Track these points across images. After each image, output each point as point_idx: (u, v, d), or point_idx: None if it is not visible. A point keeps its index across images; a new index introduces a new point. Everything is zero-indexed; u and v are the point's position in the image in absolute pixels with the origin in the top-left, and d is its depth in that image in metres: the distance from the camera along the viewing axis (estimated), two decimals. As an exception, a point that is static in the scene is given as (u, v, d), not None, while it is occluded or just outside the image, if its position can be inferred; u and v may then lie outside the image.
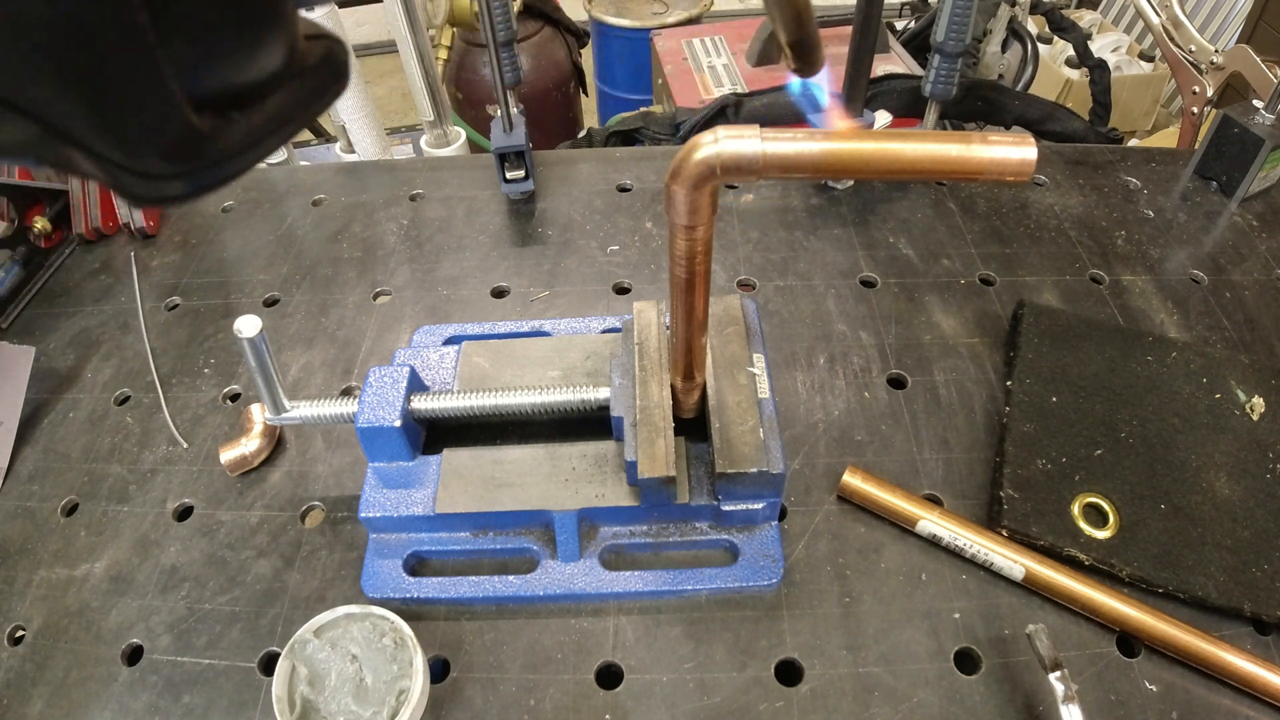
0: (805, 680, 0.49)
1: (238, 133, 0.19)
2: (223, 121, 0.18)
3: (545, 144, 0.96)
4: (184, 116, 0.17)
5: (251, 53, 0.18)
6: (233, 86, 0.18)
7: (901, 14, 1.62)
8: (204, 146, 0.18)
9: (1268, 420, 0.59)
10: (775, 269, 0.75)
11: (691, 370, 0.50)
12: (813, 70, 0.30)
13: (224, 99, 0.18)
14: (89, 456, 0.63)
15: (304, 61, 0.20)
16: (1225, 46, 0.96)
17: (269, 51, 0.18)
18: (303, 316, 0.73)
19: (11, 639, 0.53)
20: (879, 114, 0.87)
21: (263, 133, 0.19)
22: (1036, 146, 0.34)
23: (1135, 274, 0.74)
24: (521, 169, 0.81)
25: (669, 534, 0.54)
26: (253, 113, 0.19)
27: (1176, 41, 0.97)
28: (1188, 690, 0.48)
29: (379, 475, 0.55)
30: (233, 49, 0.18)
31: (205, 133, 0.18)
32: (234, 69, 0.18)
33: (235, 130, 0.19)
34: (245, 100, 0.19)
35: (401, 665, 0.47)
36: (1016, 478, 0.56)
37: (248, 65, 0.18)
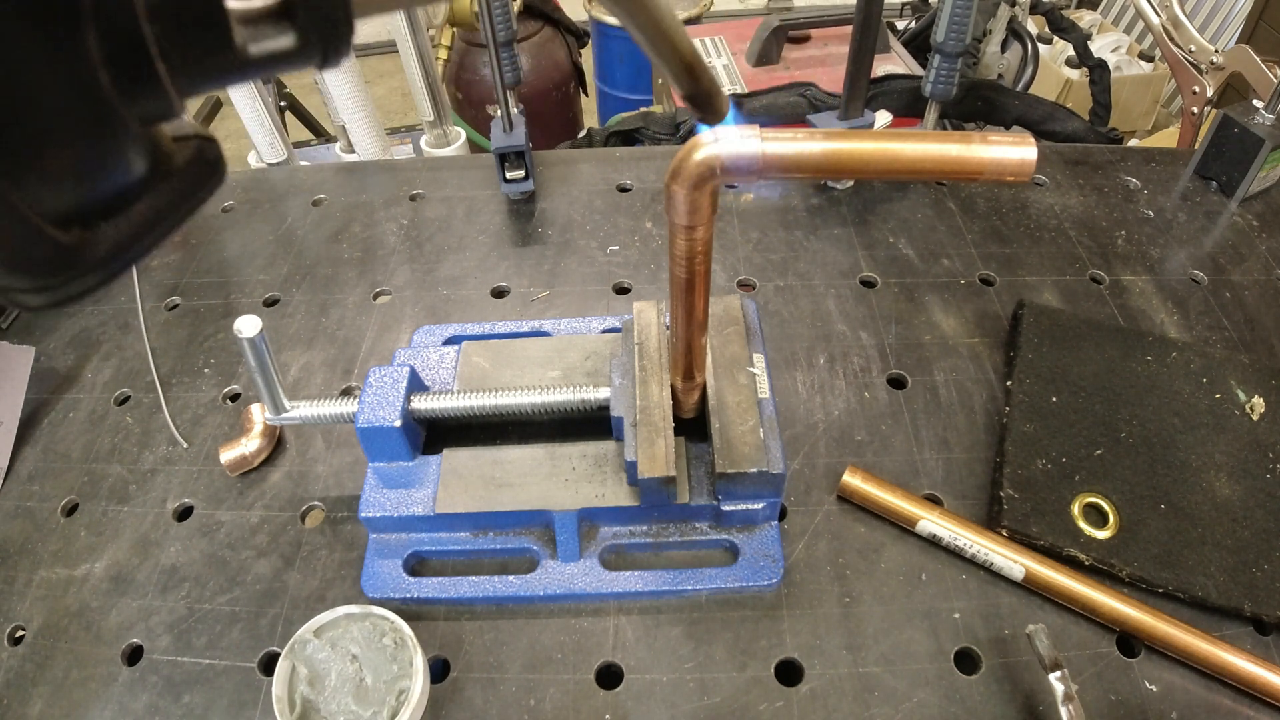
0: (805, 680, 0.49)
1: (107, 242, 0.19)
2: (90, 232, 0.18)
3: (545, 144, 0.97)
4: (48, 235, 0.17)
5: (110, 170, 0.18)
6: (95, 201, 0.18)
7: (901, 14, 1.62)
8: (72, 259, 0.18)
9: (1268, 420, 0.59)
10: (775, 269, 0.75)
11: (691, 370, 0.50)
12: (718, 118, 0.30)
13: (88, 212, 0.18)
14: (89, 456, 0.63)
15: (171, 163, 0.20)
16: (1225, 46, 0.96)
17: (129, 165, 0.18)
18: (303, 316, 0.73)
19: (11, 639, 0.53)
20: (879, 114, 0.87)
21: (133, 239, 0.19)
22: (1036, 146, 0.34)
23: (1135, 274, 0.74)
24: (521, 169, 0.81)
25: (669, 534, 0.54)
26: (120, 221, 0.19)
27: (1176, 41, 0.97)
28: (1188, 690, 0.48)
29: (379, 475, 0.55)
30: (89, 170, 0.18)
31: (72, 246, 0.18)
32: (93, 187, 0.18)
33: (104, 239, 0.19)
34: (111, 210, 0.19)
35: (401, 665, 0.47)
36: (1016, 478, 0.56)
37: (107, 182, 0.18)
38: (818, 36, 1.45)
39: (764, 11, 1.62)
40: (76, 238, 0.18)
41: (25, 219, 0.17)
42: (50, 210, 0.17)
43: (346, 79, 0.99)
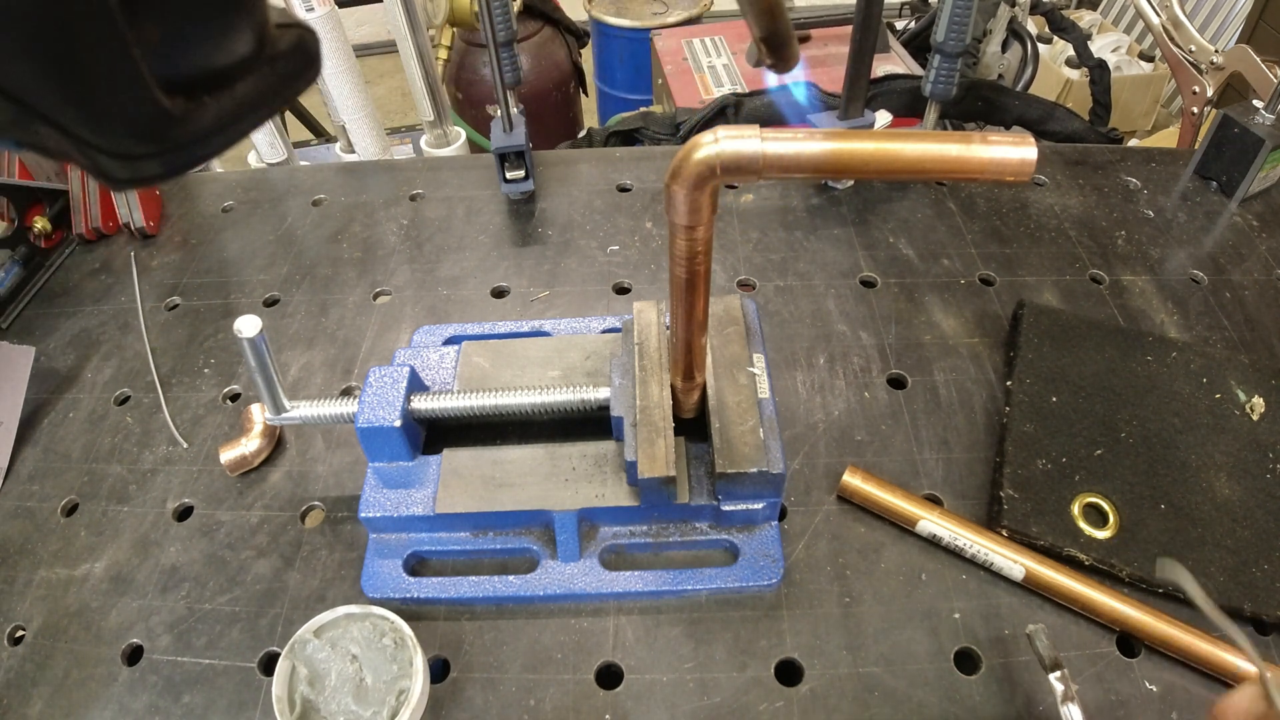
0: (805, 680, 0.49)
1: (209, 116, 0.19)
2: (194, 104, 0.19)
3: (545, 144, 0.96)
4: (155, 98, 0.17)
5: (222, 37, 0.18)
6: (203, 70, 0.19)
7: (901, 14, 1.62)
8: (175, 128, 0.18)
9: (1268, 420, 0.59)
10: (775, 269, 0.75)
11: (691, 370, 0.50)
12: (787, 66, 0.30)
13: (195, 82, 0.18)
14: (89, 456, 0.63)
15: (275, 48, 0.20)
16: (1225, 46, 0.96)
17: (239, 37, 0.19)
18: (303, 316, 0.73)
19: (11, 639, 0.53)
20: (879, 114, 0.87)
21: (233, 117, 0.19)
22: (1036, 146, 0.34)
23: (1135, 274, 0.74)
24: (521, 169, 0.81)
25: (669, 534, 0.54)
26: (223, 97, 0.19)
27: (1176, 41, 0.97)
28: (1188, 690, 0.48)
29: (379, 475, 0.55)
30: (203, 33, 0.18)
31: (176, 115, 0.18)
32: (204, 53, 0.18)
33: (206, 113, 0.19)
34: (216, 84, 0.19)
35: (401, 665, 0.47)
36: (1016, 478, 0.56)
37: (218, 50, 0.18)
38: (818, 36, 1.45)
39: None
40: (181, 106, 0.18)
41: (140, 75, 0.17)
42: (161, 69, 0.17)
43: (346, 79, 0.99)
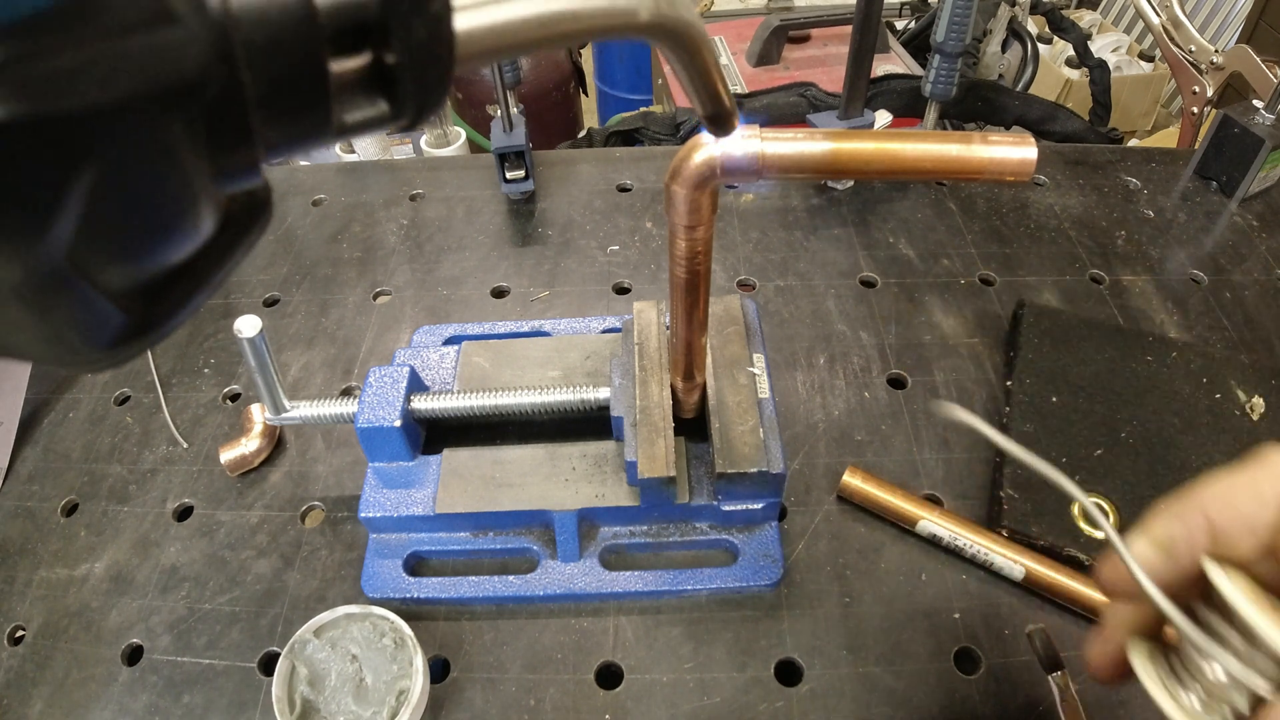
0: (805, 680, 0.49)
1: (169, 303, 0.19)
2: (156, 299, 0.18)
3: (545, 144, 0.96)
4: (118, 314, 0.17)
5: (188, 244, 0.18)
6: (165, 273, 0.18)
7: (901, 14, 1.62)
8: (139, 328, 0.18)
9: (1268, 420, 0.59)
10: (775, 269, 0.75)
11: (691, 370, 0.50)
12: (727, 133, 0.32)
13: (155, 283, 0.18)
14: (89, 456, 0.63)
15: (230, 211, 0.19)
16: (1225, 46, 0.96)
17: (204, 234, 0.18)
18: (303, 316, 0.73)
19: (11, 639, 0.53)
20: (879, 114, 0.87)
21: (193, 294, 0.19)
22: (1036, 146, 0.34)
23: (1135, 274, 0.74)
24: (521, 169, 0.81)
25: (669, 534, 0.54)
26: (183, 281, 0.19)
27: (1176, 41, 0.97)
28: (1188, 690, 0.48)
29: (379, 475, 0.55)
30: (168, 249, 0.18)
31: (138, 319, 0.18)
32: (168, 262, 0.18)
33: (167, 302, 0.19)
34: (176, 275, 0.19)
35: (401, 665, 0.47)
36: (1016, 478, 0.56)
37: (182, 254, 0.18)
38: (818, 36, 1.45)
39: (764, 11, 1.62)
40: (142, 308, 0.18)
41: (98, 304, 0.16)
42: (121, 289, 0.17)
43: (346, 79, 0.98)
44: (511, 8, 0.21)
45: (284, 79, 0.17)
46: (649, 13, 0.24)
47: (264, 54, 0.16)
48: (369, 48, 0.19)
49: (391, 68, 0.19)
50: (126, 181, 0.15)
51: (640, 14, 0.24)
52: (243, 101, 0.16)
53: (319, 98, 0.18)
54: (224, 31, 0.16)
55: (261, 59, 0.16)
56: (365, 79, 0.19)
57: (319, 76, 0.18)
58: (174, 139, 0.15)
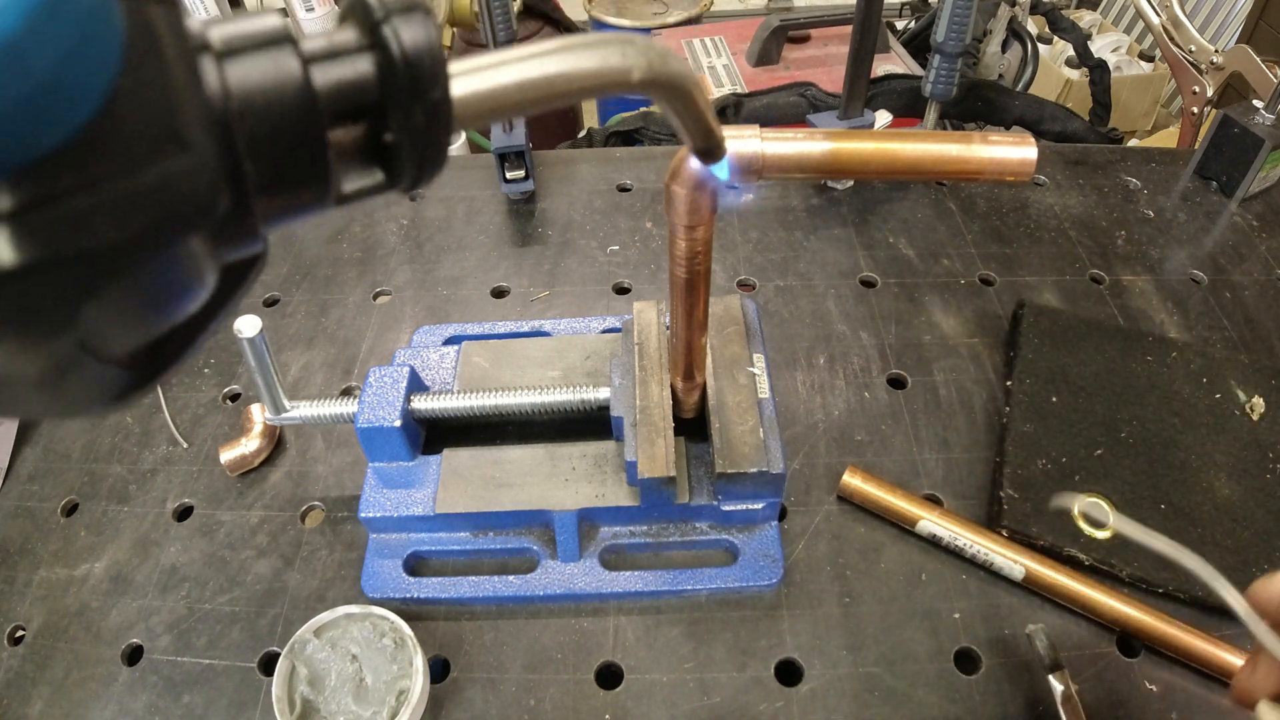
0: (805, 680, 0.49)
1: (166, 358, 0.19)
2: (152, 357, 0.18)
3: (545, 144, 0.96)
4: (118, 377, 0.17)
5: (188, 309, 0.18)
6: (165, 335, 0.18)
7: (901, 14, 1.62)
8: (138, 384, 0.18)
9: (1268, 420, 0.59)
10: (775, 269, 0.75)
11: (691, 370, 0.50)
12: (715, 162, 0.33)
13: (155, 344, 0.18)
14: (89, 456, 0.63)
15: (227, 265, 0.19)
16: (1225, 46, 0.96)
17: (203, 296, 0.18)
18: (303, 316, 0.73)
19: (11, 639, 0.53)
20: (879, 114, 0.87)
21: (186, 345, 0.19)
22: (1036, 146, 0.34)
23: (1135, 274, 0.74)
24: (521, 169, 0.81)
25: (669, 534, 0.54)
26: (178, 336, 0.19)
27: (1176, 41, 0.97)
28: (1188, 690, 0.48)
29: (379, 475, 0.55)
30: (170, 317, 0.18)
31: (143, 374, 0.18)
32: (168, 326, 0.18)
33: (164, 357, 0.19)
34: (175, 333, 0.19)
35: (401, 665, 0.47)
36: (1016, 478, 0.56)
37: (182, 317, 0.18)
38: (818, 36, 1.45)
39: (764, 11, 1.62)
40: (144, 364, 0.18)
41: (105, 372, 0.17)
42: (125, 356, 0.17)
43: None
44: (505, 73, 0.21)
45: (286, 163, 0.17)
46: (642, 72, 0.24)
47: (266, 143, 0.16)
48: (365, 119, 0.19)
49: (389, 143, 0.19)
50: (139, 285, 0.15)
51: (633, 73, 0.24)
52: (246, 192, 0.17)
53: (319, 176, 0.18)
54: (228, 131, 0.16)
55: (264, 148, 0.16)
56: (361, 149, 0.19)
57: (320, 158, 0.18)
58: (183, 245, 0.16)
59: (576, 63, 0.23)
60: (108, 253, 0.14)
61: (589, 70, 0.23)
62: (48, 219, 0.13)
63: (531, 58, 0.22)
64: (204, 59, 0.16)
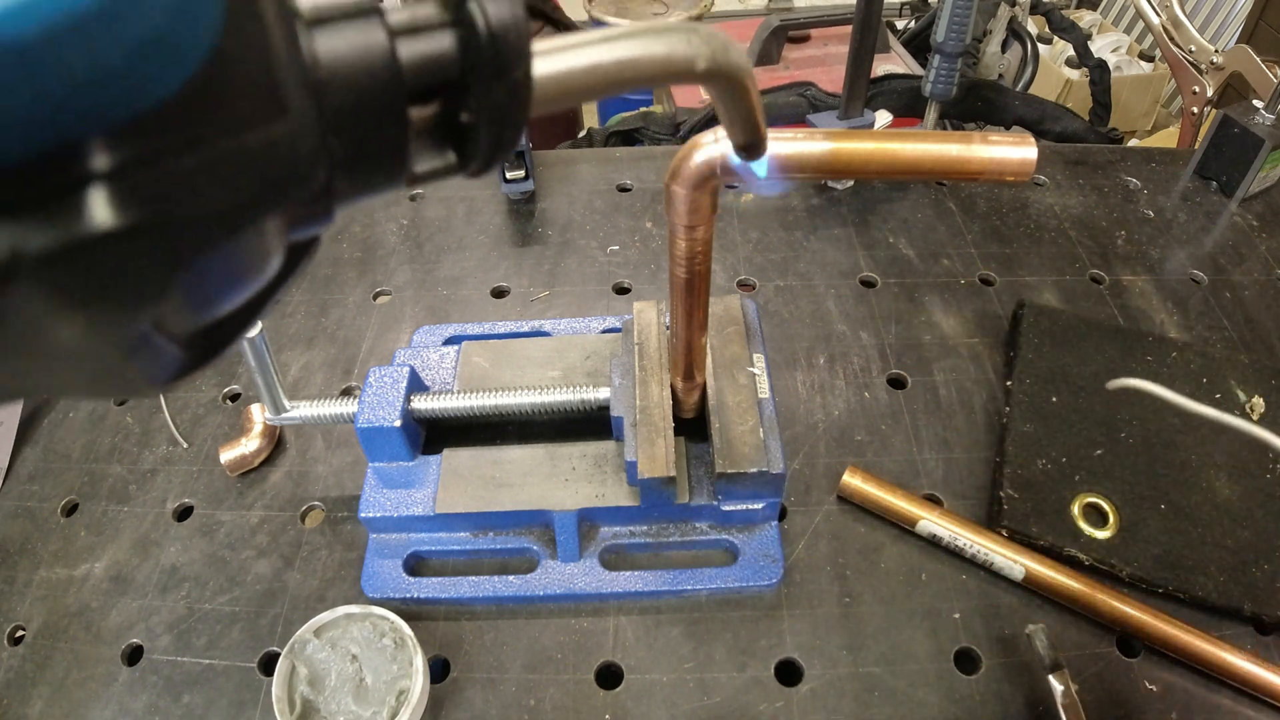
0: (805, 680, 0.49)
1: (224, 336, 0.18)
2: (212, 335, 0.18)
3: (545, 144, 0.96)
4: (181, 355, 0.17)
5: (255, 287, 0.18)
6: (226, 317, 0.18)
7: (901, 14, 1.62)
8: (197, 362, 0.18)
9: (1268, 420, 0.59)
10: (775, 269, 0.75)
11: (691, 370, 0.50)
12: (756, 158, 0.33)
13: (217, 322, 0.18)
14: (89, 456, 0.63)
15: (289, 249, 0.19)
16: (1225, 46, 0.96)
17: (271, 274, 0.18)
18: (303, 316, 0.73)
19: (11, 639, 0.53)
20: (879, 114, 0.87)
21: (244, 324, 0.19)
22: (1036, 146, 0.34)
23: (1135, 274, 0.74)
24: (521, 169, 0.81)
25: (669, 534, 0.54)
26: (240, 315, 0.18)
27: (1176, 41, 0.97)
28: (1188, 690, 0.48)
29: (379, 475, 0.55)
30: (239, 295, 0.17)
31: (199, 355, 0.18)
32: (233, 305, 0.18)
33: (223, 336, 0.18)
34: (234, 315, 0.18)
35: (401, 665, 0.47)
36: (1016, 478, 0.56)
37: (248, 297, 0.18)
38: (818, 36, 1.45)
39: (764, 11, 1.62)
40: (203, 344, 0.18)
41: (166, 351, 0.16)
42: (187, 335, 0.17)
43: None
44: (576, 57, 0.21)
45: (367, 139, 0.17)
46: (706, 61, 0.24)
47: (351, 117, 0.16)
48: (441, 98, 0.18)
49: (465, 124, 0.18)
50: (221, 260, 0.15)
51: (698, 63, 0.24)
52: (330, 171, 0.16)
53: (398, 154, 0.18)
54: (319, 104, 0.15)
55: (348, 122, 0.16)
56: (435, 129, 0.19)
57: (401, 135, 0.17)
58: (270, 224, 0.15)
59: (646, 49, 0.23)
60: (209, 218, 0.13)
61: (657, 57, 0.23)
62: (150, 179, 0.12)
63: (604, 42, 0.22)
64: (298, 25, 0.15)
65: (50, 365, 0.14)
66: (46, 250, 0.12)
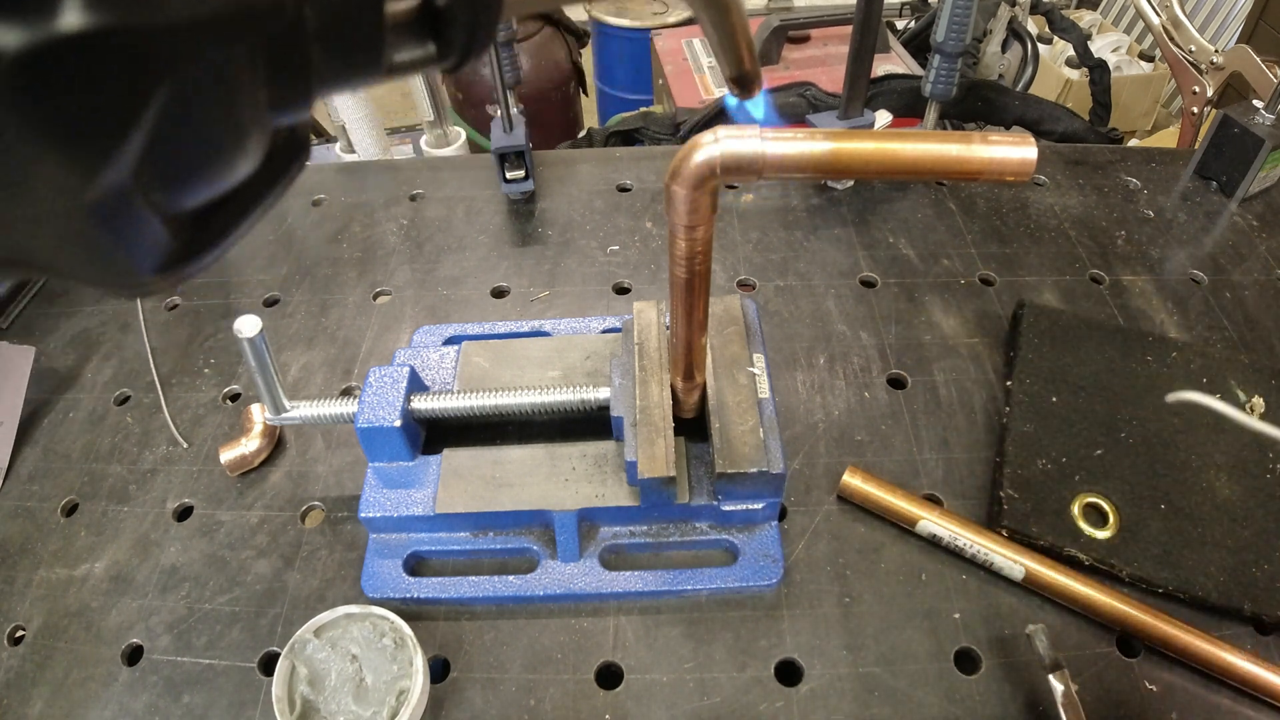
0: (805, 680, 0.49)
1: (214, 230, 0.19)
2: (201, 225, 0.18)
3: (545, 144, 0.96)
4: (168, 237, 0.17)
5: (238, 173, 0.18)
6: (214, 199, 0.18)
7: (901, 14, 1.62)
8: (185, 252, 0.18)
9: (1268, 420, 0.59)
10: (775, 269, 0.75)
11: (691, 370, 0.50)
12: (750, 96, 0.33)
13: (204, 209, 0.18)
14: (89, 456, 0.63)
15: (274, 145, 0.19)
16: (1225, 46, 0.96)
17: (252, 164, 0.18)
18: (303, 316, 0.73)
19: (11, 639, 0.53)
20: (879, 114, 0.87)
21: (236, 222, 0.19)
22: (1036, 146, 0.34)
23: (1135, 274, 0.74)
24: (521, 169, 0.81)
25: (669, 534, 0.54)
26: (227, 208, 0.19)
27: (1176, 41, 0.97)
28: (1188, 690, 0.48)
29: (379, 475, 0.55)
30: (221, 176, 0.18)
31: (187, 244, 0.18)
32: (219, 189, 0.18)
33: (213, 229, 0.19)
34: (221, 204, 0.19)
35: (401, 665, 0.47)
36: (1016, 478, 0.56)
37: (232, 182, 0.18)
38: (818, 36, 1.45)
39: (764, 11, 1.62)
40: (190, 232, 0.18)
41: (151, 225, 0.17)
42: (172, 213, 0.17)
43: (346, 79, 0.98)
44: None
45: (343, 14, 0.17)
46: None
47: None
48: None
49: (442, 10, 0.19)
50: (194, 103, 0.15)
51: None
52: (304, 34, 0.16)
53: (374, 35, 0.18)
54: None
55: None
56: (415, 20, 0.19)
57: (376, 13, 0.18)
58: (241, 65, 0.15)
59: None
60: (177, 35, 0.14)
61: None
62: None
63: None
64: None
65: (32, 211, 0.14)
66: (20, 48, 0.12)
